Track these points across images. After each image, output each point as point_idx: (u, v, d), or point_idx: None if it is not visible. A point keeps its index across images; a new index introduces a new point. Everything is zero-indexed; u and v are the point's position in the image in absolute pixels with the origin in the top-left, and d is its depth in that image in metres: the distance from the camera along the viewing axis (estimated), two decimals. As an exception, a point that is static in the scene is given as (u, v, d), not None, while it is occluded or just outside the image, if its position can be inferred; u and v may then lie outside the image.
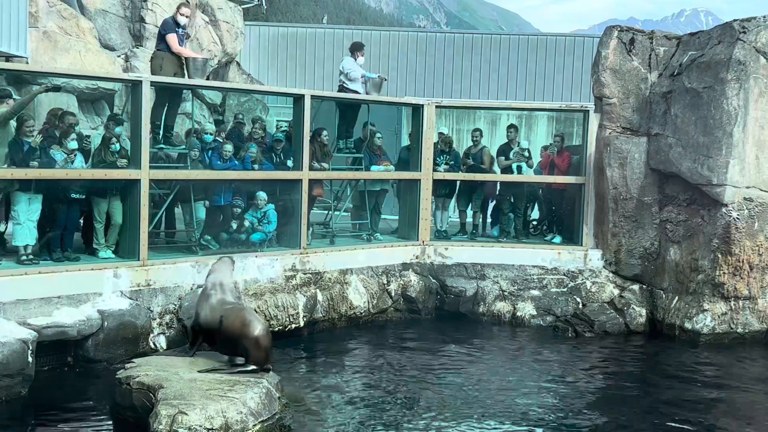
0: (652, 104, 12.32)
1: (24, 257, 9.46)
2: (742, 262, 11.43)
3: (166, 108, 11.48)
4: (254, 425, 7.22)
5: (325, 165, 12.28)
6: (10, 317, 8.64)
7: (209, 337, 8.38)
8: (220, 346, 8.36)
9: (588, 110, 12.95)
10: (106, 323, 9.28)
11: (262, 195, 11.43)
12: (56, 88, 11.76)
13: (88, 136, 10.82)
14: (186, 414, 6.92)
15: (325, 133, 12.30)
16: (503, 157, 13.54)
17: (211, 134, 11.53)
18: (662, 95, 12.15)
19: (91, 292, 9.46)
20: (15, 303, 8.80)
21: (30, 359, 8.39)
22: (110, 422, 7.80)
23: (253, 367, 8.01)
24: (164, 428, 6.83)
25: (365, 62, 13.53)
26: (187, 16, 11.69)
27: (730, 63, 11.25)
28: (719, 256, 11.46)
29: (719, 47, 11.54)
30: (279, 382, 8.04)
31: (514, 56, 23.40)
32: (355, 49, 13.32)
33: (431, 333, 11.78)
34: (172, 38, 11.27)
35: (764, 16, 11.56)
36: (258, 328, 8.14)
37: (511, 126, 14.07)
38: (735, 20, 11.65)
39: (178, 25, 11.43)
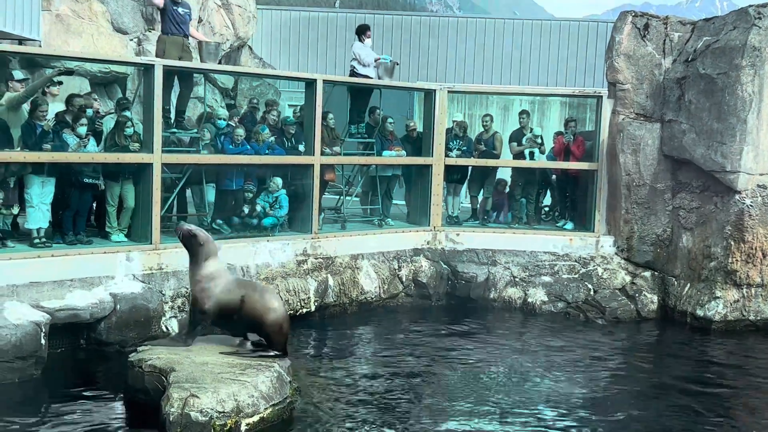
0: (666, 90, 12.24)
1: (37, 240, 9.50)
2: (755, 249, 11.38)
3: (177, 92, 11.49)
4: (265, 409, 7.25)
5: (336, 149, 12.27)
6: (23, 300, 8.70)
7: (223, 318, 8.19)
8: (236, 327, 8.23)
9: (601, 96, 12.88)
10: (118, 306, 9.32)
11: (277, 180, 11.44)
12: (69, 72, 11.77)
13: (102, 117, 10.82)
14: (198, 397, 6.96)
15: (331, 116, 12.24)
16: (515, 143, 13.50)
17: (224, 119, 11.52)
18: (676, 81, 12.08)
19: (103, 275, 9.50)
20: (28, 286, 8.85)
21: (43, 341, 8.46)
22: (122, 404, 7.84)
23: (274, 352, 8.02)
24: (176, 411, 6.87)
25: (373, 44, 13.50)
26: None
27: (745, 49, 11.16)
28: (732, 243, 11.41)
29: (734, 33, 11.45)
30: (290, 366, 8.07)
31: (527, 41, 23.23)
32: (361, 31, 13.29)
33: (442, 319, 11.79)
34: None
35: (781, 2, 11.46)
36: (282, 314, 8.11)
37: (523, 112, 14.01)
38: (750, 6, 11.55)
39: (176, 3, 11.42)
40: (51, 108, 9.96)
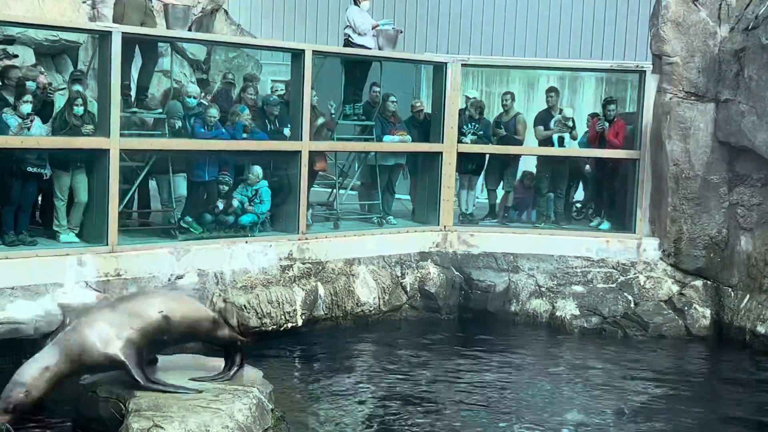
0: (721, 64, 12.24)
1: (-29, 241, 9.53)
2: (827, 254, 11.41)
3: (139, 65, 11.49)
4: (242, 442, 7.26)
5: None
6: (-46, 311, 8.73)
7: (153, 346, 7.71)
8: (166, 347, 7.98)
9: (644, 70, 12.88)
10: (68, 319, 9.32)
11: (256, 170, 11.45)
12: (9, 41, 11.77)
13: (51, 93, 10.77)
14: (162, 428, 6.97)
15: (312, 92, 12.19)
16: (542, 127, 13.50)
17: (195, 97, 11.51)
18: (734, 54, 12.07)
19: (50, 282, 9.51)
20: (-40, 295, 8.89)
21: (-22, 361, 8.47)
22: (72, 437, 7.87)
23: (240, 357, 7.99)
24: (136, 444, 6.88)
25: (372, 9, 13.50)
26: None
27: (816, 15, 11.17)
28: (800, 247, 11.45)
29: (804, -4, 11.46)
30: (272, 392, 8.07)
31: (555, 5, 23.24)
32: None
33: (453, 336, 11.84)
34: None
35: None
36: (209, 310, 8.18)
37: (551, 89, 14.01)
38: (824, -37, 11.56)
39: None
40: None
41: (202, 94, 12.36)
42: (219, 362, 8.56)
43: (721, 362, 11.33)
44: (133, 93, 11.43)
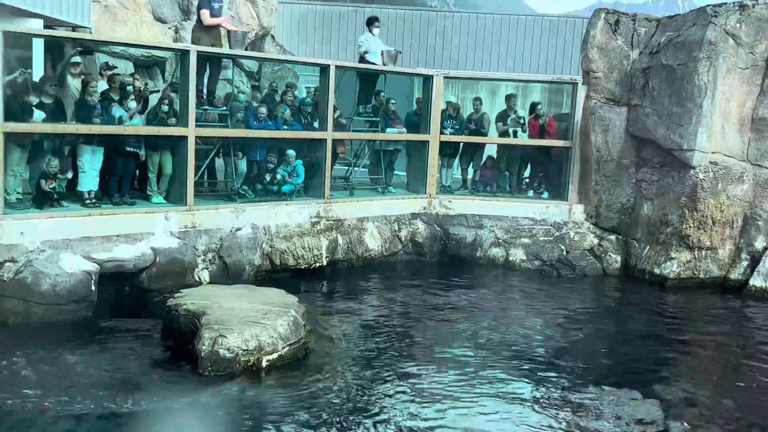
0: (632, 78, 12.16)
1: (88, 201, 9.54)
2: (706, 217, 11.38)
3: (208, 74, 11.43)
4: (283, 347, 7.33)
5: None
6: (76, 252, 8.76)
7: None
8: None
9: (576, 82, 12.79)
10: (158, 259, 9.38)
11: (291, 152, 11.42)
12: (88, 52, 11.62)
13: (150, 94, 10.72)
14: (225, 337, 7.04)
15: (335, 96, 12.00)
16: (501, 123, 13.41)
17: (244, 94, 11.50)
18: (642, 70, 11.98)
19: (145, 232, 9.54)
20: (80, 240, 8.91)
21: (93, 288, 8.54)
22: (161, 342, 7.93)
23: None
24: (207, 348, 6.95)
25: (381, 34, 13.36)
26: None
27: (702, 43, 11.06)
28: (686, 211, 11.41)
29: (693, 29, 11.34)
30: (304, 312, 8.13)
31: (513, 34, 23.02)
32: (370, 22, 13.16)
33: (435, 273, 11.83)
34: (204, 13, 11.24)
35: (734, 2, 11.32)
36: None
37: (511, 95, 13.90)
38: (708, 5, 11.44)
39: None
40: (100, 86, 9.93)
41: (253, 94, 12.28)
42: (268, 291, 8.62)
43: (627, 293, 11.35)
44: (204, 95, 11.37)
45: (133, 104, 9.79)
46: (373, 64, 12.87)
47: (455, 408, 6.63)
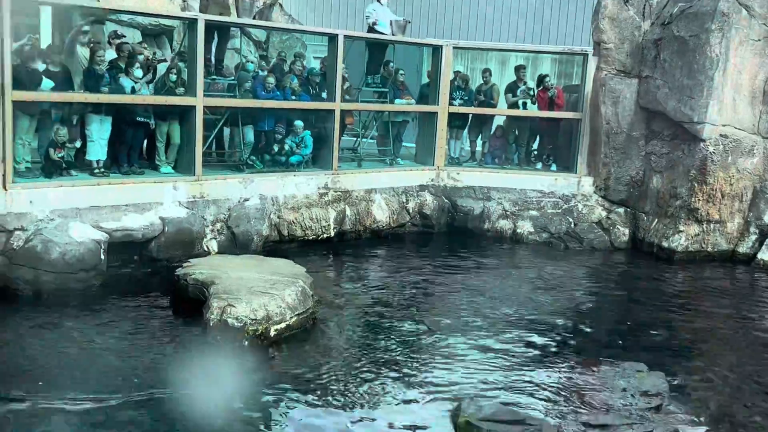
0: (643, 50, 12.04)
1: (96, 170, 9.55)
2: (715, 190, 11.33)
3: (216, 43, 11.37)
4: (291, 317, 7.38)
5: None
6: (85, 221, 8.80)
7: None
8: None
9: (587, 54, 12.67)
10: (166, 228, 9.41)
11: (299, 123, 11.38)
12: (99, 21, 11.54)
13: (157, 62, 10.66)
14: (234, 306, 7.09)
15: (343, 66, 11.94)
16: (511, 94, 13.33)
17: (252, 63, 11.44)
18: (653, 42, 11.86)
19: (153, 201, 9.57)
20: (89, 209, 8.94)
21: (102, 257, 8.59)
22: (170, 310, 8.00)
23: None
24: (215, 317, 7.01)
25: (389, 3, 13.24)
26: None
27: (715, 14, 10.93)
28: (695, 185, 11.36)
29: (706, 0, 11.20)
30: (312, 282, 8.18)
31: (524, 4, 22.80)
32: None
33: (442, 245, 11.85)
34: None
35: (749, -27, 11.17)
36: None
37: (520, 66, 13.78)
38: (723, -25, 11.26)
39: None
40: (108, 54, 9.89)
41: (262, 63, 12.22)
42: (277, 261, 8.67)
43: (635, 266, 11.36)
44: (212, 64, 11.33)
45: (139, 72, 9.75)
46: (382, 34, 12.77)
47: (463, 376, 6.68)
